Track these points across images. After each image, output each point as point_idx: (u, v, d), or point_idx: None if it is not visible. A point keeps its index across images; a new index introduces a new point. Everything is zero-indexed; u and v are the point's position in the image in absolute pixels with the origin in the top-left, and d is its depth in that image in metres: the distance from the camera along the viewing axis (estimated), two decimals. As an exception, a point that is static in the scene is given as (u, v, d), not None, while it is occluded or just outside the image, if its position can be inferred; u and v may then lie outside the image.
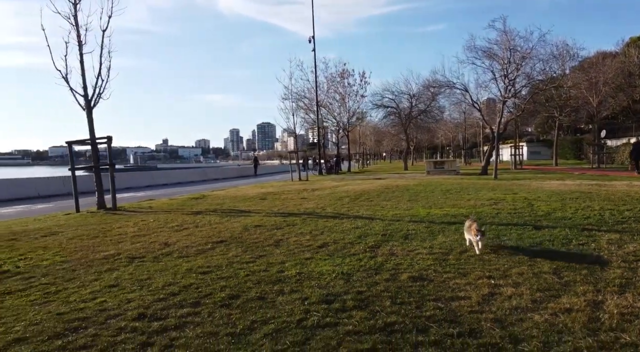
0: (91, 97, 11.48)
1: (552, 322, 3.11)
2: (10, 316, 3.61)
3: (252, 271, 4.67)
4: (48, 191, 21.51)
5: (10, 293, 4.29)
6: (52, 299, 4.02)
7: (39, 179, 23.64)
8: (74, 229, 8.22)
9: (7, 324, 3.42)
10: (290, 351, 2.77)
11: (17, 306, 3.87)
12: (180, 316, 3.44)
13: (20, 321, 3.49)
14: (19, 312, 3.71)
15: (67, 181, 23.30)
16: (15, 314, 3.64)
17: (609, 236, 5.80)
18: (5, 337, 3.15)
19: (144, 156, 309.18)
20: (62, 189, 22.38)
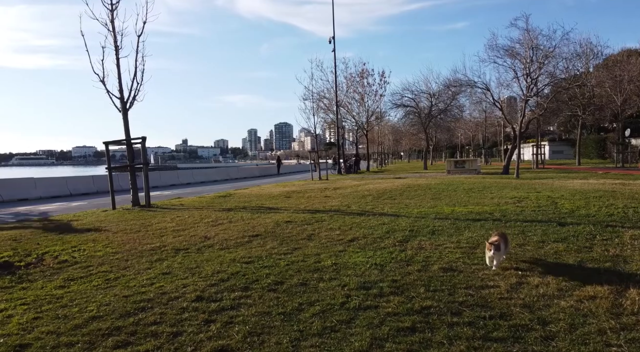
0: (127, 100, 12.04)
1: (577, 307, 3.37)
2: (80, 298, 4.04)
3: (291, 261, 5.03)
4: (79, 189, 22.34)
5: (74, 279, 4.74)
6: (114, 285, 4.44)
7: (71, 178, 24.56)
8: (115, 224, 8.73)
9: (80, 305, 3.85)
10: (338, 327, 3.11)
11: (83, 290, 4.31)
12: (233, 298, 3.81)
13: (91, 302, 3.91)
14: (87, 295, 4.14)
15: (97, 179, 24.32)
16: (85, 297, 4.07)
17: (632, 232, 5.97)
18: (82, 315, 3.57)
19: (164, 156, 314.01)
20: (92, 188, 23.24)
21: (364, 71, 36.44)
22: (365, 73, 36.50)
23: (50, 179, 23.46)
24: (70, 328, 3.29)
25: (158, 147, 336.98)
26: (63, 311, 3.68)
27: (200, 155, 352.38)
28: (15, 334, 3.22)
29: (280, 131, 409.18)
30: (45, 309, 3.77)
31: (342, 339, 2.92)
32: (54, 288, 4.41)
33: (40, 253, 6.13)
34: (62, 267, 5.28)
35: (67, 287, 4.45)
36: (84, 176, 26.78)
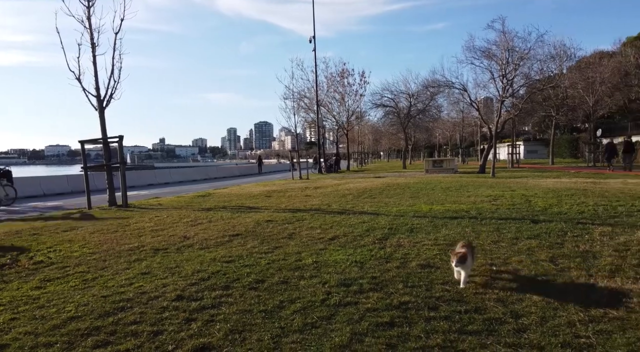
0: (103, 98, 11.82)
1: (548, 301, 3.51)
2: (58, 299, 3.98)
3: (272, 260, 5.06)
4: (53, 189, 21.79)
5: (51, 280, 4.66)
6: (92, 285, 4.39)
7: (45, 178, 23.98)
8: (92, 224, 8.58)
9: (57, 306, 3.79)
10: (319, 323, 3.16)
11: (60, 291, 4.24)
12: (214, 297, 3.82)
13: (69, 302, 3.86)
14: (64, 295, 4.08)
15: (71, 179, 23.79)
16: (62, 297, 4.02)
17: (601, 229, 6.21)
18: (60, 316, 3.52)
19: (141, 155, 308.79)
20: (67, 188, 22.71)
21: (345, 71, 36.63)
22: (346, 73, 36.68)
23: (23, 179, 22.83)
24: (49, 328, 3.25)
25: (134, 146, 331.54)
26: (40, 312, 3.63)
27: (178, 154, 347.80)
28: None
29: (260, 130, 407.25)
30: (22, 310, 3.71)
31: (322, 335, 2.97)
32: (30, 289, 4.34)
33: (14, 254, 5.99)
34: (37, 268, 5.18)
35: (43, 288, 4.37)
36: (58, 175, 26.15)
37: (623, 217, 7.21)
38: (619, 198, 9.60)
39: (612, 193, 10.68)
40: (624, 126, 43.10)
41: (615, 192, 10.82)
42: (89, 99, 11.81)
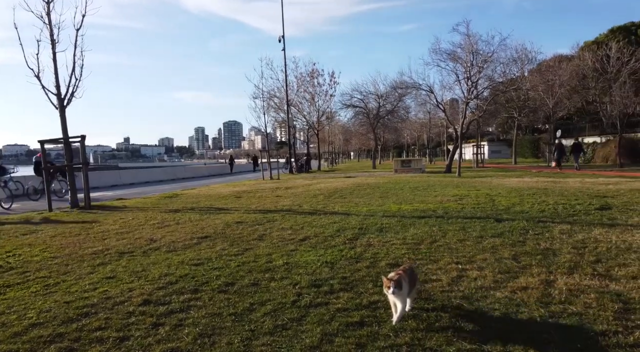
0: (64, 96, 11.40)
1: (510, 297, 3.64)
2: (18, 306, 3.82)
3: (242, 262, 5.02)
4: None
5: (10, 286, 4.46)
6: (54, 290, 4.24)
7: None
8: (53, 227, 8.26)
9: (18, 312, 3.64)
10: (289, 325, 3.17)
11: (21, 297, 4.08)
12: (182, 301, 3.77)
13: (30, 309, 3.71)
14: (25, 302, 3.92)
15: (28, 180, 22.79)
16: (23, 304, 3.86)
17: (561, 227, 6.48)
18: (21, 323, 3.39)
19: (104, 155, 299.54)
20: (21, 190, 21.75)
21: (314, 71, 36.68)
22: (316, 73, 36.74)
23: None
24: (9, 336, 3.12)
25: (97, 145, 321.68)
26: (0, 319, 3.48)
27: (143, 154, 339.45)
28: (-57, 347, 3.00)
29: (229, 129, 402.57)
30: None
31: (293, 337, 2.98)
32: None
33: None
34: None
35: (3, 294, 4.18)
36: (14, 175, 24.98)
37: (581, 215, 7.55)
38: (577, 197, 10.04)
39: (571, 192, 11.15)
40: (582, 127, 45.03)
41: (574, 191, 11.30)
42: (48, 97, 11.36)
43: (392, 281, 3.09)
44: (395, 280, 3.09)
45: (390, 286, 3.07)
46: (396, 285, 3.06)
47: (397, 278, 3.12)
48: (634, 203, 8.77)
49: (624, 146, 34.28)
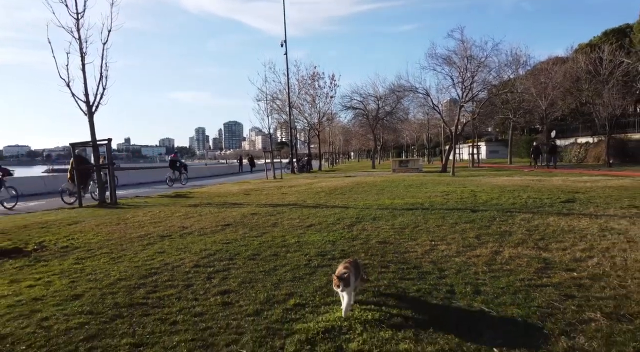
0: (92, 103, 12.72)
1: (465, 261, 4.94)
2: (99, 270, 5.13)
3: (262, 241, 6.33)
4: (30, 190, 22.12)
5: (84, 259, 5.77)
6: (120, 261, 5.54)
7: (20, 179, 24.22)
8: (92, 219, 9.58)
9: (103, 273, 4.95)
10: (304, 277, 4.48)
11: (97, 265, 5.38)
12: (223, 265, 5.07)
13: (110, 271, 5.02)
14: (103, 267, 5.23)
15: (49, 180, 24.16)
16: (102, 269, 5.16)
17: (523, 215, 7.79)
18: (109, 279, 4.69)
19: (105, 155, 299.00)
20: (44, 188, 23.09)
21: (315, 74, 37.98)
22: (316, 76, 38.03)
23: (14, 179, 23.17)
24: (107, 285, 4.43)
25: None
26: (92, 277, 4.78)
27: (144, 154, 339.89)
28: (64, 290, 4.31)
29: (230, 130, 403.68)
30: (75, 277, 4.84)
31: (307, 282, 4.29)
32: (71, 265, 5.45)
33: (37, 242, 7.01)
34: (67, 251, 6.26)
35: (82, 263, 5.49)
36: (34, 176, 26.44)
37: (545, 207, 8.85)
38: (551, 192, 11.34)
39: (548, 189, 12.45)
40: (575, 128, 46.25)
41: (551, 188, 12.59)
42: (78, 104, 12.68)
43: (340, 279, 3.36)
44: (343, 278, 3.37)
45: (340, 284, 3.35)
46: (345, 283, 3.35)
47: (345, 277, 3.38)
48: (597, 197, 10.07)
49: (614, 146, 35.56)
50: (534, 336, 2.99)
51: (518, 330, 3.09)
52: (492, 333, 3.04)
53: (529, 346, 2.84)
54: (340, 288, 3.35)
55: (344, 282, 3.34)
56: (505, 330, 3.09)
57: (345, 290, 3.36)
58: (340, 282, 3.33)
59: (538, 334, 3.00)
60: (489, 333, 3.05)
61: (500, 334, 3.02)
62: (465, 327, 3.16)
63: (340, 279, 3.34)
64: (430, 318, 3.33)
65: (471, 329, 3.12)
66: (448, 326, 3.17)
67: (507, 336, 2.99)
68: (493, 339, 2.95)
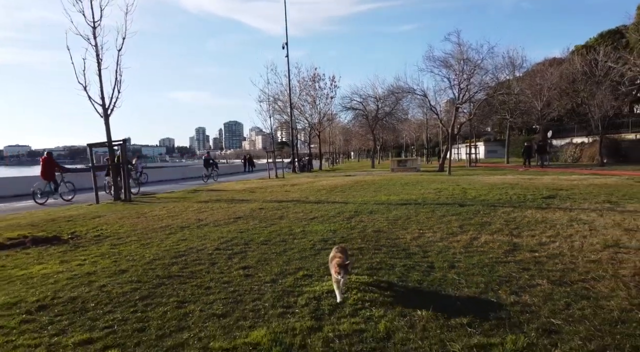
0: (108, 106, 13.58)
1: (447, 245, 5.80)
2: (134, 252, 5.99)
3: (272, 231, 7.20)
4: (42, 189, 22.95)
5: (117, 245, 6.63)
6: (150, 246, 6.40)
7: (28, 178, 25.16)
8: (112, 214, 10.44)
9: (138, 255, 5.81)
10: (309, 256, 5.35)
11: (131, 249, 6.24)
12: (240, 248, 5.94)
13: (144, 253, 5.88)
14: (136, 251, 6.09)
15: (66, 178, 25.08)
16: (136, 252, 6.03)
17: (504, 209, 8.66)
18: (145, 259, 5.55)
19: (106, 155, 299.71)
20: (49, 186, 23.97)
21: (316, 75, 38.86)
22: (317, 77, 38.93)
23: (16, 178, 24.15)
24: (144, 263, 5.30)
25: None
26: (130, 258, 5.65)
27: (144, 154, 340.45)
28: (110, 267, 5.17)
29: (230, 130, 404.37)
30: (115, 258, 5.71)
31: (312, 260, 5.16)
32: (108, 249, 6.31)
33: (69, 232, 7.87)
34: (99, 239, 7.12)
35: (117, 248, 6.36)
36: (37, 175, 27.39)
37: (527, 202, 9.71)
38: (536, 189, 12.19)
39: (536, 186, 13.29)
40: (572, 128, 47.07)
41: (538, 186, 13.43)
42: (95, 107, 13.53)
43: (341, 267, 3.72)
44: (344, 267, 3.74)
45: (341, 272, 3.71)
46: (345, 271, 3.75)
47: (346, 265, 3.79)
48: (577, 194, 10.93)
49: (608, 146, 36.43)
50: (491, 297, 3.85)
51: (480, 291, 3.95)
52: (455, 292, 3.90)
53: (485, 300, 3.70)
54: (340, 275, 3.71)
55: (344, 270, 3.74)
56: (469, 292, 3.95)
57: (345, 278, 3.77)
58: (341, 270, 3.70)
59: (494, 298, 3.86)
60: (455, 290, 3.91)
61: (465, 294, 3.88)
62: (439, 286, 4.02)
63: (341, 267, 3.72)
64: (411, 283, 4.19)
65: (445, 288, 3.98)
66: (424, 288, 4.03)
67: (471, 295, 3.85)
68: (457, 295, 3.81)
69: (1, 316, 3.72)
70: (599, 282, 4.09)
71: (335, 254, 4.03)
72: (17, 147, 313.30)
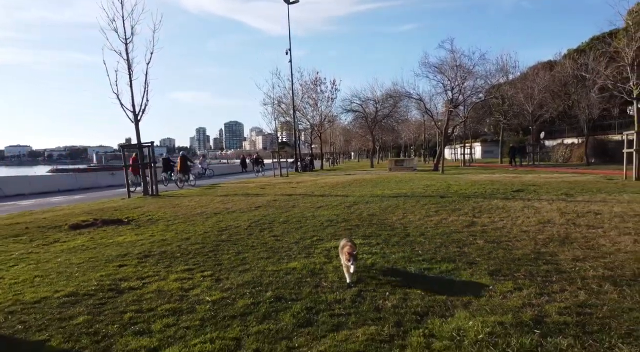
0: (137, 113, 15.51)
1: (422, 222, 7.73)
2: (187, 230, 7.91)
3: (288, 215, 9.14)
4: (63, 186, 24.84)
5: (170, 225, 8.56)
6: (197, 225, 8.33)
7: (53, 176, 27.14)
8: (150, 205, 12.37)
9: (190, 231, 7.74)
10: (319, 230, 7.29)
11: (183, 227, 8.16)
12: (266, 226, 7.88)
13: (196, 230, 7.81)
14: (187, 229, 8.02)
15: (80, 177, 27.03)
16: (187, 229, 7.95)
17: (476, 199, 10.60)
18: (197, 233, 7.48)
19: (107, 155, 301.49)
20: (75, 184, 25.89)
21: (317, 79, 40.85)
22: (318, 81, 40.91)
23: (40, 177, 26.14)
24: (200, 234, 7.24)
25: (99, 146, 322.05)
26: (186, 231, 7.58)
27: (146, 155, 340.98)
28: (176, 236, 7.10)
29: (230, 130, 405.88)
30: (175, 232, 7.64)
31: (322, 232, 7.10)
32: (165, 227, 8.25)
33: (124, 216, 9.80)
34: (153, 221, 9.06)
35: (171, 226, 8.29)
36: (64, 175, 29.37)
37: (498, 194, 11.64)
38: (512, 185, 14.10)
39: (513, 183, 15.20)
40: (563, 130, 48.96)
41: (516, 182, 15.35)
42: (126, 114, 15.47)
43: (351, 256, 4.25)
44: (354, 255, 4.28)
45: (351, 259, 4.26)
46: (354, 259, 4.30)
47: (355, 254, 4.32)
48: (543, 188, 12.85)
49: (596, 147, 38.36)
50: (445, 251, 5.77)
51: (436, 246, 5.88)
52: (421, 249, 5.84)
53: (438, 251, 5.63)
54: (350, 262, 4.27)
55: (354, 258, 4.30)
56: (427, 246, 5.88)
57: (354, 264, 4.32)
58: (351, 258, 4.27)
59: (444, 249, 5.79)
60: (421, 248, 5.84)
61: (426, 247, 5.81)
62: (407, 246, 5.96)
63: (351, 255, 4.28)
64: (392, 242, 6.13)
65: (413, 246, 5.91)
66: (400, 244, 5.97)
67: (430, 248, 5.79)
68: (421, 248, 5.75)
69: (121, 259, 5.66)
70: (518, 242, 6.03)
71: (346, 243, 4.59)
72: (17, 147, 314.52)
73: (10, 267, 5.58)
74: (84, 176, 27.56)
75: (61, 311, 3.80)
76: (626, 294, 3.81)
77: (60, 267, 5.41)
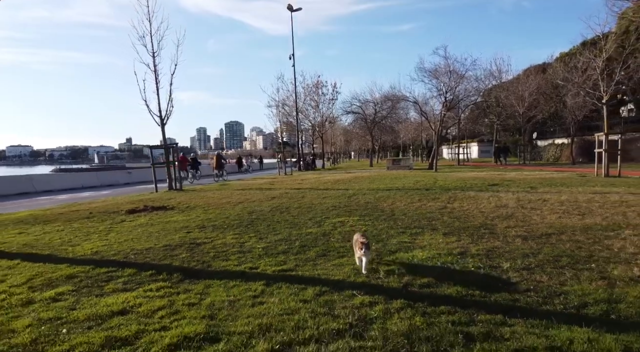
0: (163, 117, 17.68)
1: (407, 208, 9.89)
2: (221, 213, 10.06)
3: (300, 203, 11.30)
4: (87, 183, 27.04)
5: (206, 210, 10.71)
6: (229, 210, 10.48)
7: (76, 175, 29.32)
8: (179, 197, 14.52)
9: (224, 214, 9.89)
10: (327, 214, 9.45)
11: (219, 212, 10.31)
12: (285, 210, 10.04)
13: (229, 213, 9.96)
14: (222, 213, 10.17)
15: (101, 175, 29.26)
16: (223, 213, 10.10)
17: (454, 191, 12.76)
18: (231, 215, 9.63)
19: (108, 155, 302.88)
20: (97, 182, 28.08)
21: (319, 82, 43.09)
22: (320, 84, 43.14)
23: (62, 175, 28.33)
24: (234, 215, 9.40)
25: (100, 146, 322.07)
26: (222, 214, 9.74)
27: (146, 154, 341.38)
28: (217, 215, 9.26)
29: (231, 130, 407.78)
30: (214, 214, 9.80)
31: (328, 213, 9.27)
32: (203, 211, 10.40)
33: (163, 205, 11.95)
34: (191, 208, 11.22)
35: (208, 211, 10.45)
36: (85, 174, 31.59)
37: (474, 188, 13.80)
38: (491, 181, 16.25)
39: (494, 179, 17.36)
40: (554, 130, 51.07)
41: (497, 178, 17.51)
42: (154, 118, 17.64)
43: (363, 244, 4.58)
44: (365, 244, 4.60)
45: (363, 248, 4.57)
46: (367, 247, 4.61)
47: (367, 243, 4.64)
48: (516, 183, 15.00)
49: (583, 147, 40.47)
50: (418, 223, 7.92)
51: (412, 221, 8.03)
52: (401, 222, 7.99)
53: (414, 225, 7.78)
54: (362, 251, 4.55)
55: (366, 247, 4.59)
56: (406, 221, 8.04)
57: (366, 253, 4.57)
58: (364, 246, 4.57)
59: (418, 222, 7.94)
60: (401, 222, 7.99)
61: (405, 222, 7.97)
62: (392, 221, 8.11)
63: (364, 244, 4.60)
64: (382, 219, 8.29)
65: (396, 221, 8.07)
66: (387, 219, 8.13)
67: (408, 223, 7.94)
68: (402, 223, 7.91)
69: (186, 230, 7.82)
70: (474, 218, 8.19)
71: (359, 237, 4.89)
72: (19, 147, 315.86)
73: (106, 235, 7.75)
74: (105, 175, 29.77)
75: (166, 253, 5.99)
76: (527, 244, 5.97)
77: (143, 234, 7.58)
